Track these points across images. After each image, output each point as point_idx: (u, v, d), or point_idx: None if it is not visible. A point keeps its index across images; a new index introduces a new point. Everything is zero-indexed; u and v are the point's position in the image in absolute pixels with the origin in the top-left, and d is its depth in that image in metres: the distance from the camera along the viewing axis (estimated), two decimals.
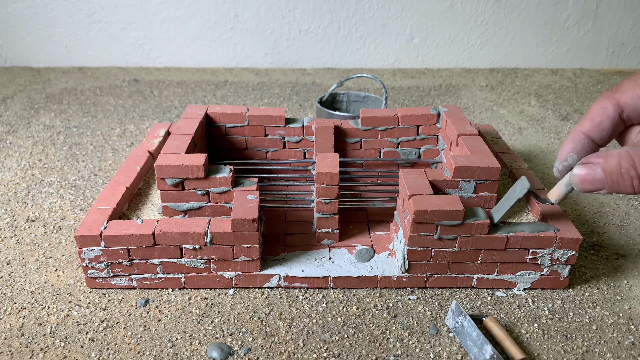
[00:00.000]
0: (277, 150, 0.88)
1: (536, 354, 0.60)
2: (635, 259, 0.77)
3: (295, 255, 0.72)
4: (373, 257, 0.72)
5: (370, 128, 0.86)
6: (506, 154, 0.89)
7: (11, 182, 0.96)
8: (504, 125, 1.28)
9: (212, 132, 0.87)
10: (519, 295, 0.69)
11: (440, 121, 0.85)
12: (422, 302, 0.68)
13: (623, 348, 0.61)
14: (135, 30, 1.64)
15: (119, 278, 0.68)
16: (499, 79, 1.65)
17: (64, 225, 0.83)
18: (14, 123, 1.23)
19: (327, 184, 0.70)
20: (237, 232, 0.64)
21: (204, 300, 0.67)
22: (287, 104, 1.41)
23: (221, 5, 1.61)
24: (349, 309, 0.66)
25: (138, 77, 1.59)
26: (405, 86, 1.57)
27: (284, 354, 0.59)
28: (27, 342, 0.60)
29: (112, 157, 1.07)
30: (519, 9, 1.68)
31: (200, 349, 0.60)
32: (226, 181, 0.69)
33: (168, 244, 0.65)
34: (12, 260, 0.74)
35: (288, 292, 0.69)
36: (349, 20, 1.66)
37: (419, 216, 0.62)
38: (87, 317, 0.64)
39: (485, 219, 0.63)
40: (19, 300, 0.67)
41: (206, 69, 1.68)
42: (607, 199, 0.93)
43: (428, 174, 0.69)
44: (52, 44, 1.65)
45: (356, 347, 0.61)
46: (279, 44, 1.69)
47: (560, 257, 0.67)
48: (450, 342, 0.61)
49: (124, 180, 0.76)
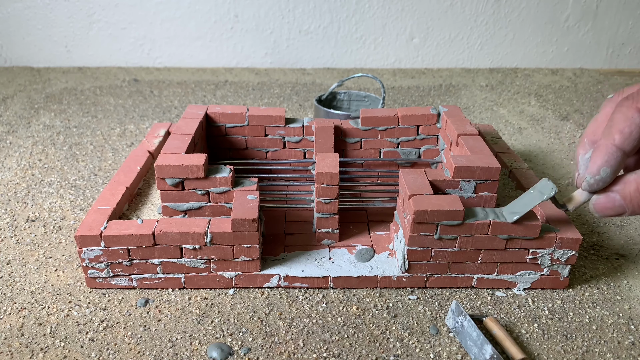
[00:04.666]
0: (277, 150, 0.88)
1: (536, 354, 0.60)
2: (635, 259, 0.77)
3: (295, 255, 0.72)
4: (373, 257, 0.72)
5: (370, 128, 0.86)
6: (506, 154, 0.89)
7: (11, 182, 0.96)
8: (504, 125, 1.28)
9: (212, 132, 0.87)
10: (519, 295, 0.69)
11: (440, 121, 0.85)
12: (422, 302, 0.68)
13: (623, 348, 0.61)
14: (135, 30, 1.64)
15: (119, 278, 0.68)
16: (499, 79, 1.65)
17: (64, 225, 0.83)
18: (14, 123, 1.23)
19: (327, 184, 0.70)
20: (237, 232, 0.64)
21: (204, 300, 0.67)
22: (287, 104, 1.41)
23: (221, 5, 1.61)
24: (349, 309, 0.66)
25: (138, 77, 1.59)
26: (405, 86, 1.57)
27: (284, 354, 0.59)
28: (27, 342, 0.60)
29: (112, 157, 1.07)
30: (519, 9, 1.68)
31: (200, 349, 0.60)
32: (226, 181, 0.69)
33: (168, 244, 0.65)
34: (12, 260, 0.74)
35: (288, 292, 0.69)
36: (349, 20, 1.66)
37: (419, 216, 0.62)
38: (87, 317, 0.64)
39: (485, 219, 0.63)
40: (19, 300, 0.67)
41: (206, 69, 1.68)
42: None
43: (428, 174, 0.69)
44: (52, 44, 1.65)
45: (356, 347, 0.61)
46: (279, 44, 1.69)
47: (560, 257, 0.67)
48: (450, 342, 0.61)
49: (124, 180, 0.76)
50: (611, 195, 0.41)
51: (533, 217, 0.64)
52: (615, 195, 0.41)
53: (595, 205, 0.43)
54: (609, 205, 0.42)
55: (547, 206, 0.72)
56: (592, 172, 0.42)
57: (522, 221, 0.63)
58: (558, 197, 0.89)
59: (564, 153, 1.12)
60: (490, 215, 0.64)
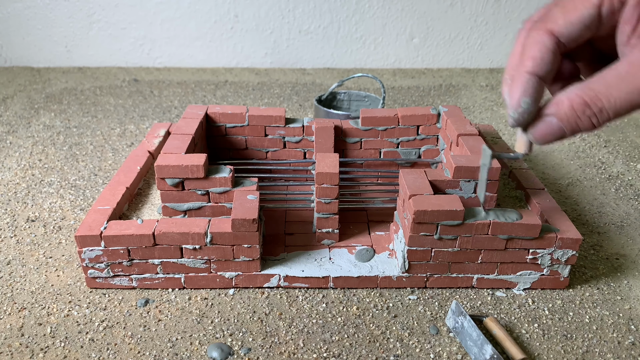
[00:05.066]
0: (277, 150, 0.88)
1: (536, 354, 0.60)
2: (635, 259, 0.77)
3: (295, 255, 0.72)
4: (373, 257, 0.72)
5: (370, 128, 0.86)
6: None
7: (11, 182, 0.96)
8: (504, 125, 1.28)
9: (212, 132, 0.87)
10: (519, 295, 0.69)
11: (440, 121, 0.85)
12: (422, 302, 0.68)
13: (623, 348, 0.61)
14: (135, 30, 1.64)
15: (119, 278, 0.68)
16: (499, 79, 1.64)
17: (64, 225, 0.82)
18: (14, 123, 1.23)
19: (327, 184, 0.70)
20: (237, 232, 0.64)
21: (204, 300, 0.67)
22: (287, 104, 1.41)
23: (221, 5, 1.61)
24: (349, 309, 0.66)
25: (138, 77, 1.59)
26: (405, 86, 1.57)
27: (284, 354, 0.59)
28: (27, 342, 0.60)
29: (112, 157, 1.07)
30: (519, 9, 1.67)
31: (200, 349, 0.60)
32: (226, 181, 0.69)
33: (168, 244, 0.65)
34: (12, 260, 0.74)
35: (288, 292, 0.69)
36: (349, 20, 1.66)
37: (419, 216, 0.62)
38: (87, 317, 0.64)
39: (485, 218, 0.63)
40: (19, 300, 0.67)
41: (206, 69, 1.68)
42: (607, 199, 0.93)
43: (428, 174, 0.69)
44: (52, 44, 1.65)
45: (356, 347, 0.61)
46: (279, 44, 1.69)
47: (561, 257, 0.67)
48: (450, 342, 0.61)
49: (124, 180, 0.76)
50: (547, 120, 0.40)
51: (533, 217, 0.65)
52: (551, 119, 0.39)
53: (534, 135, 0.41)
54: (547, 130, 0.40)
55: (547, 206, 0.72)
56: (513, 105, 0.40)
57: (522, 221, 0.63)
58: (509, 145, 0.90)
59: (564, 153, 1.12)
60: (491, 215, 0.64)
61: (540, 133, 0.40)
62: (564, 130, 0.39)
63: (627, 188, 0.98)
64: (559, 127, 0.39)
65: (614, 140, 1.19)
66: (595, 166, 1.07)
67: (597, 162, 1.09)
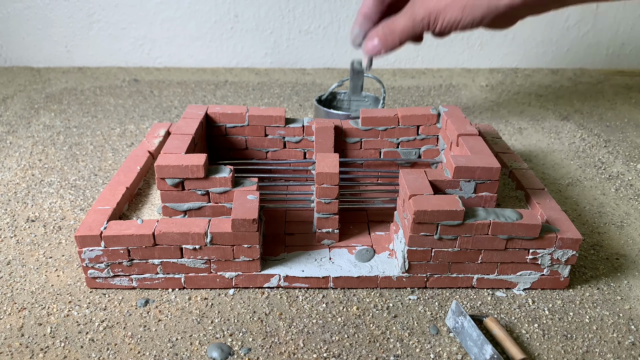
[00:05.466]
0: (277, 150, 0.88)
1: (536, 354, 0.60)
2: (635, 259, 0.77)
3: (295, 255, 0.72)
4: (373, 257, 0.72)
5: (370, 128, 0.86)
6: (506, 154, 0.89)
7: (11, 182, 0.96)
8: (504, 125, 1.28)
9: (212, 132, 0.87)
10: (519, 295, 0.69)
11: (440, 121, 0.85)
12: (422, 302, 0.68)
13: (623, 348, 0.61)
14: (135, 30, 1.64)
15: (119, 278, 0.68)
16: (499, 79, 1.65)
17: (64, 225, 0.82)
18: (14, 123, 1.23)
19: (327, 184, 0.70)
20: (237, 232, 0.64)
21: (204, 300, 0.67)
22: (287, 104, 1.41)
23: (221, 5, 1.61)
24: (349, 309, 0.66)
25: (138, 77, 1.59)
26: (405, 86, 1.57)
27: (284, 354, 0.59)
28: (27, 342, 0.60)
29: (112, 157, 1.07)
30: None
31: (200, 349, 0.60)
32: (226, 181, 0.69)
33: (168, 244, 0.65)
34: (12, 260, 0.74)
35: (288, 292, 0.69)
36: (349, 20, 1.65)
37: (419, 216, 0.62)
38: (87, 317, 0.64)
39: (485, 218, 0.63)
40: (19, 300, 0.67)
41: (206, 69, 1.68)
42: (607, 199, 0.93)
43: (428, 174, 0.69)
44: (52, 44, 1.65)
45: (356, 347, 0.61)
46: (279, 44, 1.69)
47: (561, 257, 0.67)
48: (450, 342, 0.61)
49: (124, 180, 0.76)
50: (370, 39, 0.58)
51: (533, 217, 0.65)
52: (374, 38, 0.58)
53: (364, 48, 0.59)
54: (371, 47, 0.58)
55: (547, 206, 0.72)
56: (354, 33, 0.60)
57: (522, 221, 0.64)
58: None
59: (564, 153, 1.12)
60: (491, 215, 0.64)
61: (368, 48, 0.59)
62: (381, 47, 0.57)
63: (627, 188, 0.98)
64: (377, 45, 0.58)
65: (614, 140, 1.19)
66: (595, 166, 1.07)
67: (597, 162, 1.09)
